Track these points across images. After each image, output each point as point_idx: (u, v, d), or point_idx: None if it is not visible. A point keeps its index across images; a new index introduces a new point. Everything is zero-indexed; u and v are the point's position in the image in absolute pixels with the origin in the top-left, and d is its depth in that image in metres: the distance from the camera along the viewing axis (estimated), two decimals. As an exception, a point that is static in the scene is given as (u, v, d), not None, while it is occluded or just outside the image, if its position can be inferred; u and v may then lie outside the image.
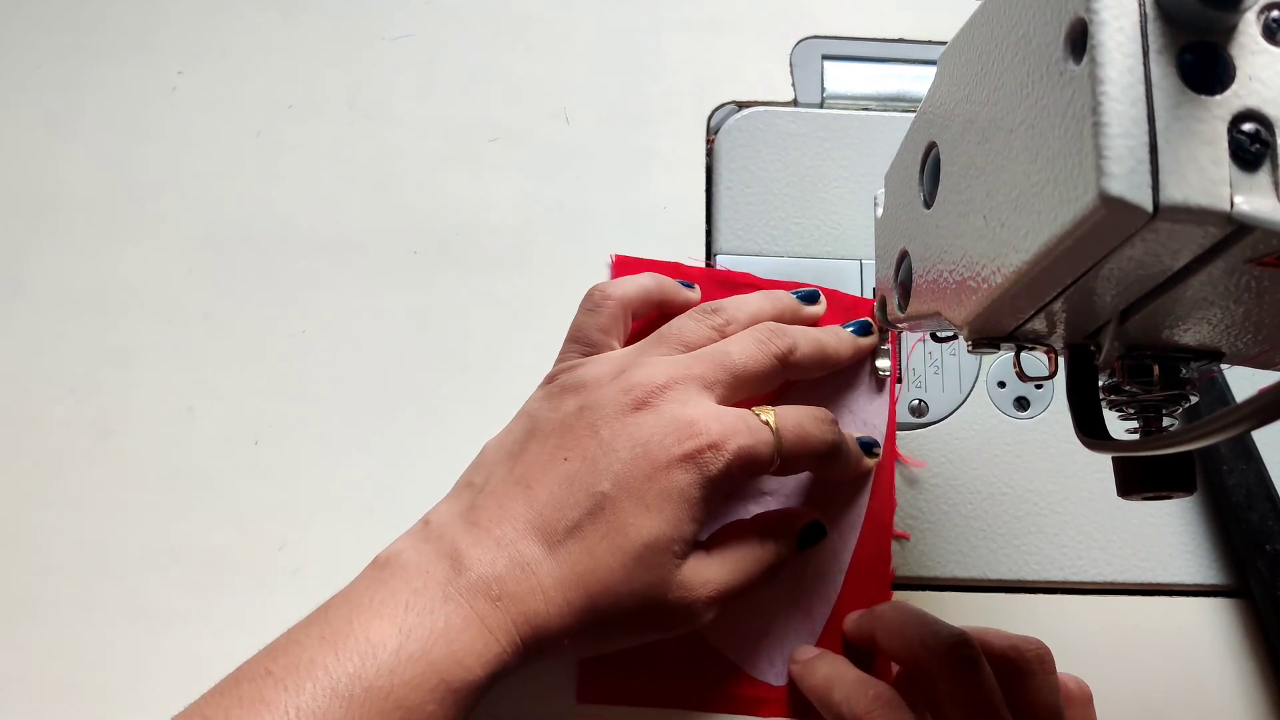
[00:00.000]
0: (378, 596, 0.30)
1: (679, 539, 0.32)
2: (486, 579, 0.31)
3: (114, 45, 0.47)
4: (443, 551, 0.31)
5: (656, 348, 0.36)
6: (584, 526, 0.31)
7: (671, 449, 0.32)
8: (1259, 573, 0.38)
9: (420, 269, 0.44)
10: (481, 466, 0.35)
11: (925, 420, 0.42)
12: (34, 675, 0.38)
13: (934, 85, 0.30)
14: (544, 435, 0.34)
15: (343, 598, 0.31)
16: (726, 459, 0.32)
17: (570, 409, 0.34)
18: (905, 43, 0.48)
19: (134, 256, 0.44)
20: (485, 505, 0.33)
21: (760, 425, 0.33)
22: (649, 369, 0.34)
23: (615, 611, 0.31)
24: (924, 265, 0.31)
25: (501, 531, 0.32)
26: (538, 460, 0.33)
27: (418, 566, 0.31)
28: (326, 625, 0.30)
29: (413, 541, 0.33)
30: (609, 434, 0.32)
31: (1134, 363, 0.27)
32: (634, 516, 0.31)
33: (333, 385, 0.42)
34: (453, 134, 0.46)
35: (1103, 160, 0.19)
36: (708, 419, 0.32)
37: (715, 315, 0.37)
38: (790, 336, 0.36)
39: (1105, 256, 0.21)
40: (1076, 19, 0.21)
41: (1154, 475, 0.28)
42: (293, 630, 0.30)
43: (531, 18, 0.48)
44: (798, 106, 0.46)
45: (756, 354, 0.35)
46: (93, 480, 0.40)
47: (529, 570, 0.31)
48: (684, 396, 0.33)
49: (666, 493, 0.32)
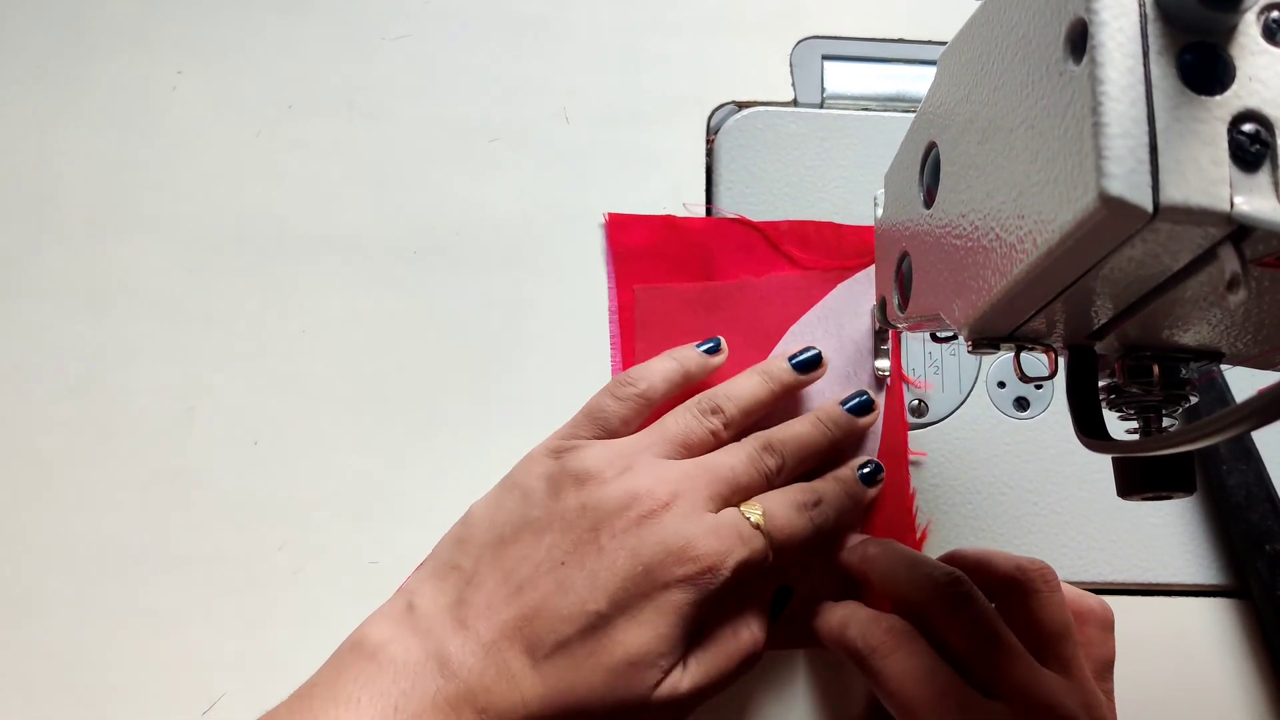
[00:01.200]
0: (365, 694, 0.30)
1: (667, 654, 0.32)
2: (474, 689, 0.30)
3: (114, 45, 0.47)
4: (430, 651, 0.31)
5: (660, 444, 0.35)
6: (573, 644, 0.31)
7: (672, 570, 0.32)
8: (1258, 573, 0.38)
9: (420, 269, 0.44)
10: (468, 548, 0.34)
11: (925, 420, 0.42)
12: (34, 675, 0.38)
13: (934, 85, 0.30)
14: (540, 528, 0.33)
15: (327, 686, 0.31)
16: (724, 578, 0.32)
17: (571, 506, 0.33)
18: (905, 43, 0.48)
19: (134, 256, 0.44)
20: (473, 602, 0.32)
21: (753, 532, 0.34)
22: (653, 478, 0.34)
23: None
24: (924, 265, 0.31)
25: (490, 637, 0.31)
26: (531, 559, 0.33)
27: (405, 664, 0.31)
28: (314, 718, 0.29)
29: (397, 630, 0.32)
30: (610, 546, 0.32)
31: (1134, 363, 0.27)
32: (624, 633, 0.31)
33: (333, 385, 0.42)
34: (453, 134, 0.46)
35: (1103, 160, 0.19)
36: (707, 538, 0.32)
37: (714, 417, 0.37)
38: (778, 455, 0.36)
39: (1105, 257, 0.21)
40: (1076, 19, 0.21)
41: (1154, 476, 0.28)
42: (275, 713, 0.30)
43: (531, 18, 0.48)
44: (798, 106, 0.46)
45: (752, 472, 0.35)
46: (93, 480, 0.40)
47: (514, 684, 0.31)
48: (686, 511, 0.33)
49: (661, 610, 0.32)
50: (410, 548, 0.39)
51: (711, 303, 0.42)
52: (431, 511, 0.39)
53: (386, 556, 0.40)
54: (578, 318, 0.43)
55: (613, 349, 0.43)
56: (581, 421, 0.37)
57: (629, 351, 0.42)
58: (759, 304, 0.42)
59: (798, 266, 0.43)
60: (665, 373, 0.38)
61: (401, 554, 0.39)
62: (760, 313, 0.42)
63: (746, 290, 0.43)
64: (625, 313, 0.43)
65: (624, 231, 0.43)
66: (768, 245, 0.43)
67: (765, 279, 0.43)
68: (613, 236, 0.43)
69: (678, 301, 0.43)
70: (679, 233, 0.43)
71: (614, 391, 0.37)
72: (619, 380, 0.38)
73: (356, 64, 0.47)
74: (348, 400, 0.42)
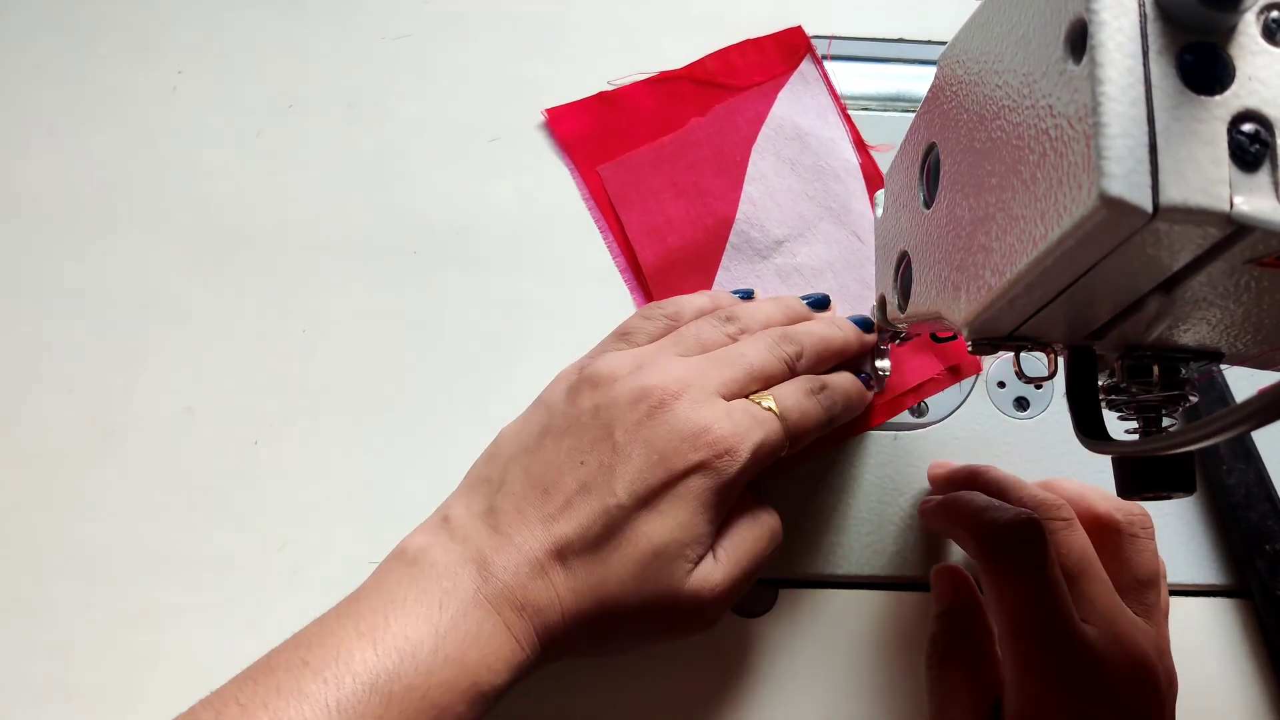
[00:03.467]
0: (410, 594, 0.31)
1: (692, 543, 0.32)
2: (511, 587, 0.31)
3: (114, 45, 0.47)
4: (468, 555, 0.32)
5: (674, 346, 0.36)
6: (599, 540, 0.32)
7: (688, 456, 0.32)
8: (1258, 573, 0.38)
9: (420, 269, 0.44)
10: (497, 461, 0.35)
11: (925, 420, 0.42)
12: (34, 675, 0.38)
13: (934, 85, 0.30)
14: (559, 433, 0.34)
15: (373, 590, 0.31)
16: (743, 460, 0.32)
17: (586, 407, 0.34)
18: (905, 43, 0.48)
19: (134, 256, 0.44)
20: (504, 508, 0.33)
21: (767, 415, 0.34)
22: (664, 371, 0.34)
23: (625, 619, 0.32)
24: (924, 265, 0.31)
25: (521, 539, 0.32)
26: (553, 462, 0.33)
27: (446, 566, 0.32)
28: (361, 619, 0.30)
29: (437, 538, 0.33)
30: (624, 439, 0.33)
31: (1134, 363, 0.27)
32: (647, 525, 0.32)
33: (333, 385, 0.42)
34: (453, 134, 0.46)
35: (1102, 160, 0.19)
36: (720, 421, 0.33)
37: (731, 324, 0.37)
38: (798, 343, 0.37)
39: (1105, 257, 0.21)
40: (1076, 19, 0.21)
41: (1154, 475, 0.28)
42: (325, 620, 0.31)
43: (531, 18, 0.48)
44: (798, 106, 0.46)
45: (769, 358, 0.36)
46: (93, 480, 0.40)
47: (548, 581, 0.32)
48: (696, 399, 0.33)
49: (682, 498, 0.32)
50: (410, 548, 0.39)
51: (672, 154, 0.44)
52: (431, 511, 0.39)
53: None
54: (578, 317, 0.43)
55: (603, 235, 0.44)
56: (609, 339, 0.38)
57: (617, 230, 0.44)
58: (715, 138, 0.44)
59: (734, 91, 0.45)
60: (696, 302, 0.39)
61: (401, 554, 0.39)
62: (719, 146, 0.44)
63: (697, 130, 0.45)
64: (599, 195, 0.44)
65: (566, 121, 0.45)
66: (699, 85, 0.45)
67: (710, 113, 0.45)
68: (557, 130, 0.45)
69: (642, 166, 0.44)
70: (616, 105, 0.45)
71: (644, 313, 0.38)
72: (650, 305, 0.38)
73: (356, 64, 0.47)
74: (348, 400, 0.42)
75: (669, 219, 0.43)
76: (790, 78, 0.45)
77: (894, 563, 0.40)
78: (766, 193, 0.43)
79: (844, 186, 0.43)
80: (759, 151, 0.44)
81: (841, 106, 0.45)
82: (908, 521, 0.40)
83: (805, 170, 0.44)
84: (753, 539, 0.34)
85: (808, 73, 0.45)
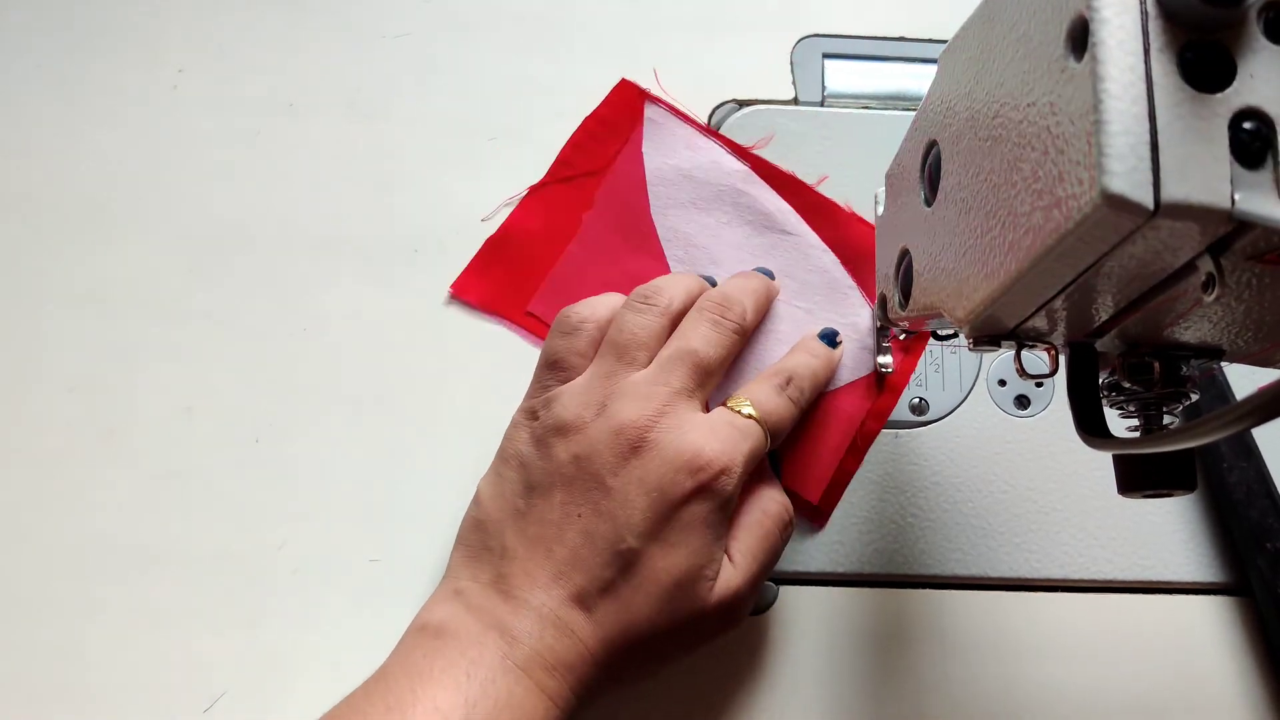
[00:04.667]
0: (436, 665, 0.30)
1: (708, 564, 0.32)
2: (539, 651, 0.31)
3: (114, 45, 0.47)
4: (488, 624, 0.31)
5: (620, 365, 0.35)
6: (616, 584, 0.32)
7: (684, 484, 0.32)
8: (1259, 570, 0.38)
9: (420, 269, 0.44)
10: (488, 528, 0.34)
11: (926, 419, 0.42)
12: (34, 675, 0.38)
13: (934, 84, 0.30)
14: (546, 490, 0.33)
15: (398, 666, 0.31)
16: (738, 476, 0.33)
17: (564, 459, 0.33)
18: (906, 41, 0.48)
19: (134, 256, 0.44)
20: (512, 574, 0.32)
21: (749, 424, 0.34)
22: (630, 403, 0.33)
23: (657, 645, 0.32)
24: (925, 263, 0.31)
25: (538, 601, 0.32)
26: (550, 520, 0.33)
27: (469, 637, 0.31)
28: (389, 694, 0.30)
29: (453, 611, 0.32)
30: (617, 484, 0.32)
31: (1134, 360, 0.27)
32: (662, 560, 0.32)
33: (333, 385, 0.42)
34: (453, 134, 0.46)
35: (1104, 158, 0.19)
36: (708, 442, 0.33)
37: (653, 302, 0.36)
38: (738, 303, 0.37)
39: (1106, 254, 0.21)
40: (1077, 16, 0.21)
41: (1154, 473, 0.28)
42: (352, 700, 0.30)
43: (531, 17, 0.48)
44: (798, 105, 0.46)
45: (717, 338, 0.35)
46: (93, 480, 0.40)
47: (574, 637, 0.31)
48: (675, 422, 0.33)
49: (689, 527, 0.32)
50: (410, 547, 0.39)
51: (585, 257, 0.43)
52: (431, 511, 0.39)
53: (386, 556, 0.39)
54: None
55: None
56: (541, 374, 0.36)
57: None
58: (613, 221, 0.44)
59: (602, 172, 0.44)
60: (605, 301, 0.37)
61: (401, 554, 0.39)
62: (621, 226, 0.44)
63: (594, 224, 0.44)
64: (543, 333, 0.42)
65: (472, 287, 0.43)
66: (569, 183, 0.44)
67: (595, 201, 0.44)
68: (469, 299, 0.43)
69: (566, 281, 0.43)
70: (506, 242, 0.44)
71: (561, 328, 0.37)
72: (560, 318, 0.37)
73: (356, 64, 0.47)
74: (348, 400, 0.42)
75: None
76: (643, 129, 0.44)
77: (894, 562, 0.40)
78: (686, 244, 0.43)
79: (749, 196, 0.43)
80: (658, 211, 0.43)
81: (698, 125, 0.44)
82: (908, 520, 0.40)
83: (707, 202, 0.43)
84: (763, 533, 0.34)
85: (655, 115, 0.45)
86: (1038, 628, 0.39)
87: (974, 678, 0.39)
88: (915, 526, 0.40)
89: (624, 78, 0.45)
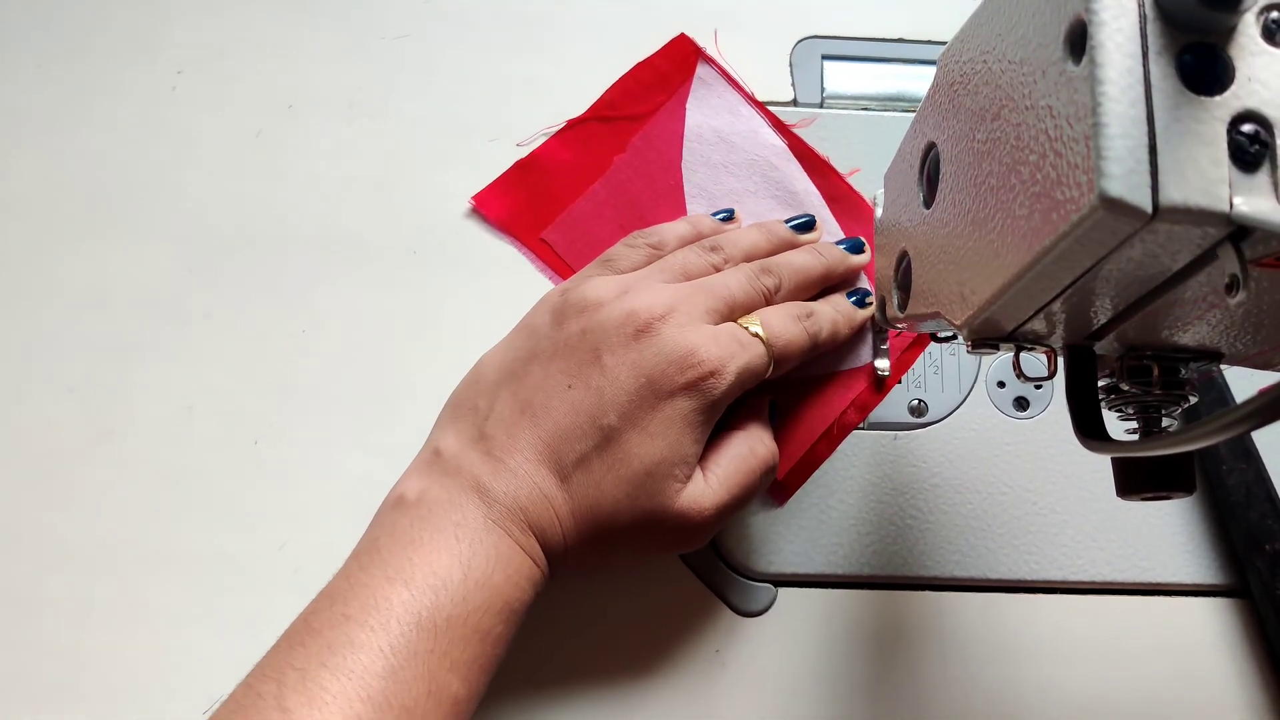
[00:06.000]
0: (424, 533, 0.31)
1: (681, 462, 0.33)
2: (515, 510, 0.32)
3: (114, 45, 0.47)
4: (466, 485, 0.33)
5: (660, 274, 0.36)
6: (591, 459, 0.33)
7: (674, 378, 0.33)
8: (1258, 572, 0.38)
9: (420, 269, 0.44)
10: (482, 387, 0.35)
11: (925, 420, 0.42)
12: (34, 675, 0.38)
13: (933, 85, 0.30)
14: (547, 357, 0.34)
15: (389, 537, 0.32)
16: (728, 382, 0.33)
17: (573, 331, 0.34)
18: (905, 43, 0.48)
19: (134, 256, 0.44)
20: (494, 435, 0.33)
21: (752, 340, 0.35)
22: (651, 295, 0.34)
23: (620, 536, 0.33)
24: (924, 265, 0.31)
25: (515, 463, 0.33)
26: (542, 386, 0.34)
27: (450, 501, 0.32)
28: (387, 565, 0.31)
29: (432, 476, 0.33)
30: (612, 362, 0.33)
31: (1133, 363, 0.27)
32: (638, 446, 0.33)
33: (333, 385, 0.42)
34: (453, 134, 0.46)
35: (1102, 161, 0.19)
36: (707, 344, 0.33)
37: (715, 253, 0.38)
38: (776, 275, 0.37)
39: (1105, 257, 0.21)
40: (1076, 19, 0.21)
41: (1153, 475, 0.28)
42: (349, 572, 0.31)
43: (531, 17, 0.48)
44: (798, 106, 0.46)
45: (749, 289, 0.36)
46: (93, 480, 0.40)
47: (546, 501, 0.33)
48: (682, 322, 0.34)
49: (670, 420, 0.33)
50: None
51: (608, 198, 0.44)
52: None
53: (386, 556, 0.39)
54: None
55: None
56: (592, 265, 0.38)
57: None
58: (643, 169, 0.44)
59: (643, 118, 0.45)
60: (678, 230, 0.39)
61: (401, 554, 0.39)
62: (650, 175, 0.44)
63: (623, 168, 0.44)
64: (552, 260, 0.43)
65: (494, 202, 0.44)
66: (608, 123, 0.45)
67: (629, 146, 0.44)
68: (487, 213, 0.44)
69: (584, 218, 0.44)
70: (536, 169, 0.44)
71: (628, 241, 0.39)
72: (633, 234, 0.39)
73: (356, 64, 0.47)
74: (348, 400, 0.42)
75: None
76: (691, 85, 0.45)
77: (893, 564, 0.40)
78: (710, 203, 0.43)
79: (780, 172, 0.43)
80: (689, 167, 0.44)
81: (747, 95, 0.45)
82: (908, 521, 0.40)
83: (739, 168, 0.44)
84: (746, 469, 0.35)
85: (706, 76, 0.45)
86: (1036, 630, 0.39)
87: (973, 679, 0.39)
88: (914, 528, 0.40)
89: (683, 32, 0.46)
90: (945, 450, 0.41)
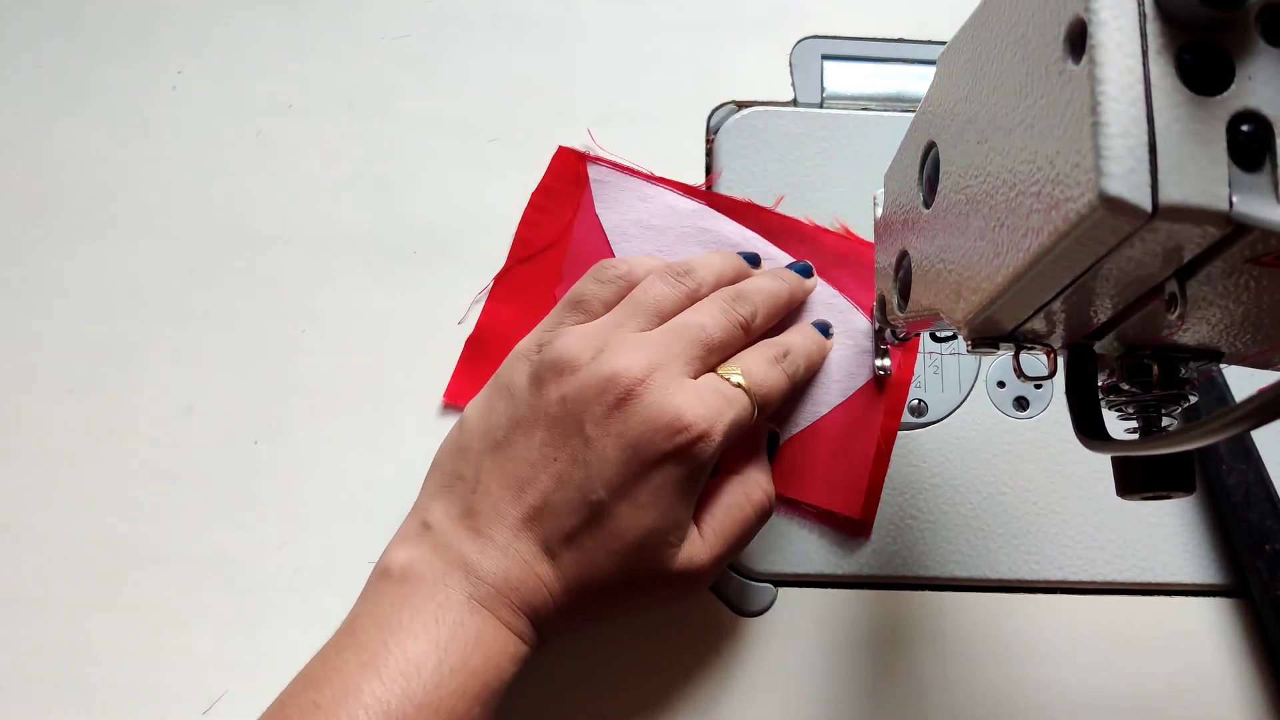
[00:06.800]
0: (404, 614, 0.31)
1: (674, 529, 0.33)
2: (503, 589, 0.32)
3: (114, 45, 0.47)
4: (452, 562, 0.32)
5: (634, 319, 0.35)
6: (581, 534, 0.32)
7: (661, 445, 0.32)
8: (1258, 572, 0.38)
9: (420, 269, 0.44)
10: (467, 456, 0.35)
11: (925, 420, 0.42)
12: (34, 675, 0.38)
13: (933, 85, 0.30)
14: (528, 427, 0.34)
15: (369, 616, 0.32)
16: (716, 443, 0.33)
17: (553, 398, 0.33)
18: (905, 43, 0.48)
19: (134, 256, 0.44)
20: (482, 510, 0.33)
21: (736, 392, 0.34)
22: (628, 354, 0.33)
23: (616, 600, 0.33)
24: (923, 265, 0.31)
25: (504, 539, 0.32)
26: (526, 459, 0.33)
27: (433, 579, 0.32)
28: (362, 649, 0.30)
29: (419, 550, 0.33)
30: (596, 433, 0.32)
31: (1133, 362, 0.27)
32: (629, 519, 0.32)
33: (333, 385, 0.42)
34: (453, 134, 0.46)
35: (1102, 160, 0.19)
36: (692, 406, 0.32)
37: (687, 279, 0.37)
38: (751, 302, 0.37)
39: (1104, 256, 0.21)
40: (1076, 19, 0.21)
41: (1153, 475, 0.28)
42: (326, 655, 0.31)
43: (532, 17, 0.48)
44: (797, 106, 0.46)
45: (726, 324, 0.36)
46: (93, 480, 0.40)
47: (537, 578, 0.32)
48: (664, 381, 0.33)
49: (660, 489, 0.32)
50: (410, 547, 0.39)
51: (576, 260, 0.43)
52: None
53: (386, 556, 0.39)
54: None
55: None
56: (563, 309, 0.37)
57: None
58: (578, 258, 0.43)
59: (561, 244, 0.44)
60: (646, 260, 0.38)
61: (401, 554, 0.39)
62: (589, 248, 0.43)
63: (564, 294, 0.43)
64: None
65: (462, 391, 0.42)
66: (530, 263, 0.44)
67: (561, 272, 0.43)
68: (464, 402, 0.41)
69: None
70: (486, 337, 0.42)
71: (596, 275, 0.37)
72: (600, 266, 0.38)
73: (356, 64, 0.47)
74: (348, 400, 0.42)
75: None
76: (590, 191, 0.44)
77: (893, 564, 0.40)
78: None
79: (711, 231, 0.43)
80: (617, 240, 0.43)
81: (643, 174, 0.44)
82: (906, 522, 0.40)
83: (672, 245, 0.43)
84: (741, 518, 0.35)
85: (599, 175, 0.44)
86: (1036, 629, 0.39)
87: (973, 680, 0.39)
88: (914, 528, 0.40)
89: (561, 145, 0.45)
90: (945, 450, 0.41)
